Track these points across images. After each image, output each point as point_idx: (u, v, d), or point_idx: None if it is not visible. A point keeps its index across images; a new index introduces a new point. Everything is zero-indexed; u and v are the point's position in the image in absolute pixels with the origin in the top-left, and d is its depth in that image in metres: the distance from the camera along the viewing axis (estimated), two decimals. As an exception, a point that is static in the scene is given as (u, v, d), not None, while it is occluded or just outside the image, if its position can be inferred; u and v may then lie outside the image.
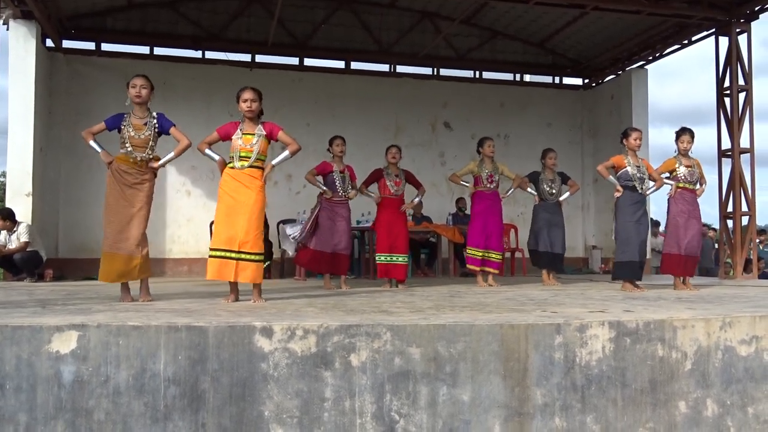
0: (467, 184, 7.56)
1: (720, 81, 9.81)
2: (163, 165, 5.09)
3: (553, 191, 7.87)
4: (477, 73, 12.70)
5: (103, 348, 3.16)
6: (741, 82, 9.61)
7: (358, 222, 9.84)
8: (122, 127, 4.94)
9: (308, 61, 11.89)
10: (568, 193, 8.00)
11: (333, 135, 7.33)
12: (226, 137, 5.07)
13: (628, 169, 6.61)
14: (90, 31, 10.86)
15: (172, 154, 5.13)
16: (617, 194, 6.63)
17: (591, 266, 12.44)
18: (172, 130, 5.09)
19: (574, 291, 6.52)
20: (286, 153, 5.18)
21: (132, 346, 3.17)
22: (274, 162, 5.16)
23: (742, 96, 9.63)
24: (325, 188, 7.02)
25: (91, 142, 5.01)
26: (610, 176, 6.72)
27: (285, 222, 10.27)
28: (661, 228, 12.59)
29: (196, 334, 3.20)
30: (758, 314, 3.86)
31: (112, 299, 5.03)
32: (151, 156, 5.01)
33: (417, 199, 7.64)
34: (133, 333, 3.19)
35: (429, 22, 12.17)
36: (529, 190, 7.90)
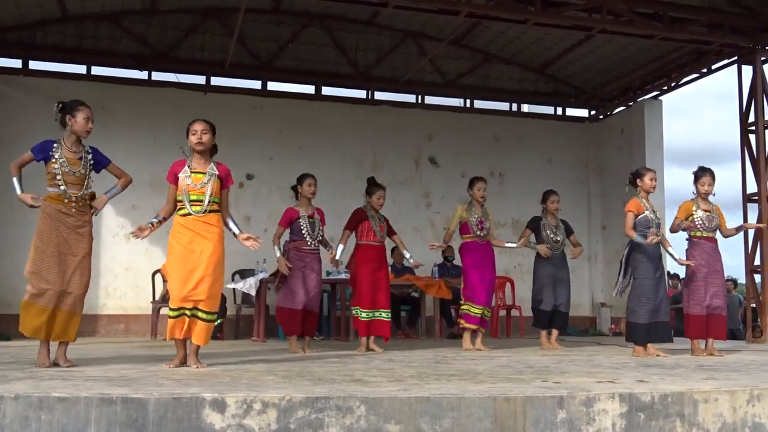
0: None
1: (744, 116, 10.08)
2: (105, 203, 5.13)
3: (558, 239, 7.95)
4: (468, 101, 12.90)
5: (22, 424, 3.10)
6: (767, 117, 9.87)
7: (328, 273, 9.83)
8: (53, 161, 4.93)
9: (272, 85, 12.01)
10: (573, 252, 8.15)
11: (302, 172, 7.36)
12: (176, 179, 5.08)
13: (647, 213, 6.72)
14: (17, 46, 10.89)
15: (117, 188, 5.20)
16: (652, 239, 6.59)
17: (599, 327, 12.50)
18: (111, 166, 5.17)
19: (579, 356, 6.54)
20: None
21: (56, 422, 3.11)
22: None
23: (769, 133, 9.88)
24: (280, 256, 6.90)
25: (15, 180, 4.99)
26: (636, 236, 6.70)
27: (241, 273, 10.22)
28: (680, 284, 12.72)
29: (133, 408, 3.16)
30: (791, 386, 3.90)
31: (33, 363, 4.94)
32: (87, 194, 5.02)
33: (408, 255, 7.67)
34: (58, 406, 3.13)
35: (413, 42, 12.40)
36: (531, 245, 8.00)
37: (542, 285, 7.89)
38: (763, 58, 10.01)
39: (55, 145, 4.99)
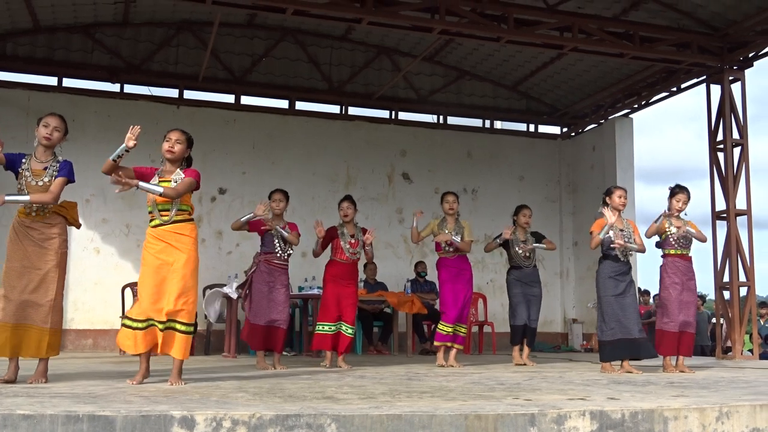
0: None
1: (712, 134, 10.24)
2: (11, 201, 4.78)
3: (528, 254, 7.98)
4: (441, 117, 12.98)
5: (-16, 443, 3.04)
6: (735, 135, 10.05)
7: (300, 288, 9.78)
8: (20, 171, 4.89)
9: (245, 99, 11.99)
10: (543, 245, 8.06)
11: (273, 188, 7.38)
12: (140, 179, 4.90)
13: (611, 233, 6.83)
14: (-14, 57, 10.78)
15: (27, 198, 4.81)
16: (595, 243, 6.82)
17: (571, 343, 12.56)
18: (57, 180, 4.88)
19: (551, 373, 6.57)
20: (158, 188, 4.88)
21: (20, 441, 3.05)
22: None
23: (737, 151, 10.05)
24: (248, 217, 7.01)
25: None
26: (600, 234, 6.84)
27: (212, 287, 10.14)
28: (651, 300, 12.86)
29: (100, 426, 3.11)
30: (759, 403, 3.94)
31: (-2, 381, 4.86)
32: (51, 206, 4.89)
33: (368, 247, 7.52)
34: (23, 424, 3.08)
35: (386, 58, 12.47)
36: (496, 242, 8.03)
37: (516, 302, 7.94)
38: (731, 78, 10.19)
39: (25, 158, 4.94)
